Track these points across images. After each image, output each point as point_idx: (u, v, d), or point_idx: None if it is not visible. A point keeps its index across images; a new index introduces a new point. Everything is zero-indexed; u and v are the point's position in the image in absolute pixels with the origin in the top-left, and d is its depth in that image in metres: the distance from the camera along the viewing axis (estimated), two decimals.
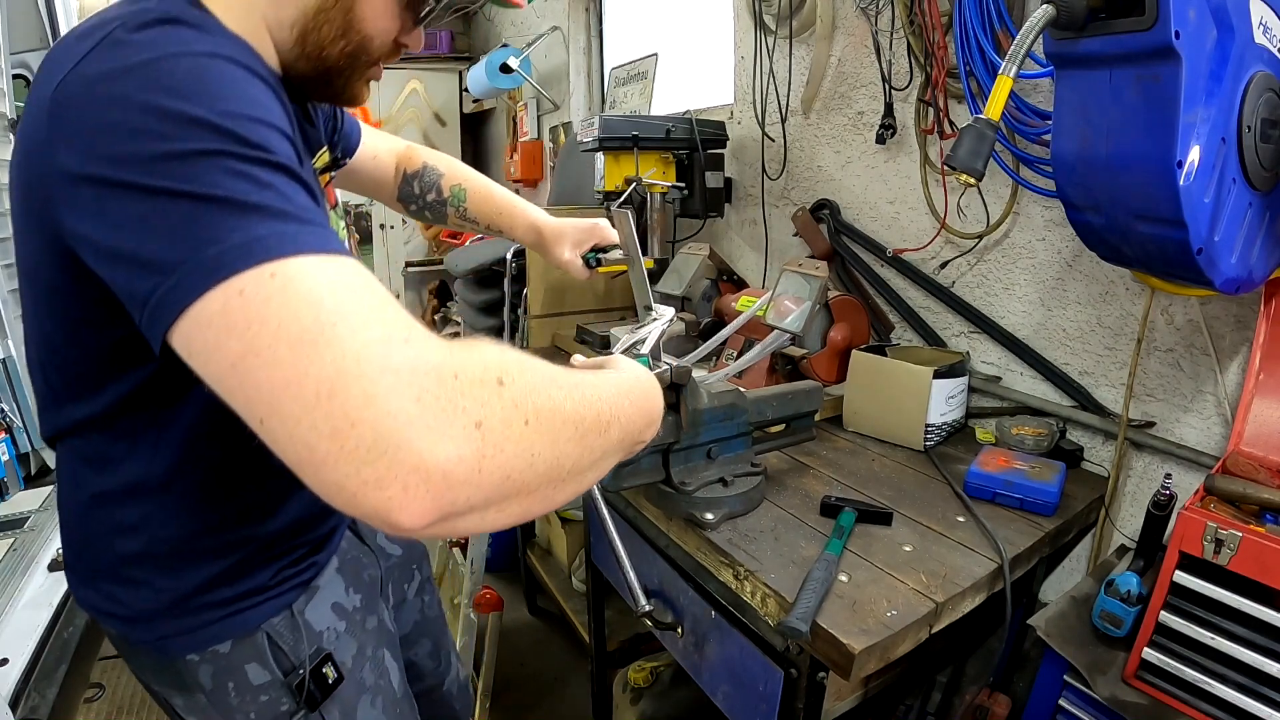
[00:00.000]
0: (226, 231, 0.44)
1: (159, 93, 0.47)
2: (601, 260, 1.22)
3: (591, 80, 3.19)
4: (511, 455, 0.44)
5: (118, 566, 0.71)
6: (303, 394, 0.40)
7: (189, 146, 0.46)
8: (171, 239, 0.45)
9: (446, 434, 0.41)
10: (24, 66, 2.47)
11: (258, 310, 0.42)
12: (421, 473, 0.40)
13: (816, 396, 1.19)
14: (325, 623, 0.81)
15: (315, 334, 0.41)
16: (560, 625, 2.37)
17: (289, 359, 0.40)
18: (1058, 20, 0.77)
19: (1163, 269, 0.92)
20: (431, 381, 0.41)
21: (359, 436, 0.39)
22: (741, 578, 0.96)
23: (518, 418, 0.45)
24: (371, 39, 0.69)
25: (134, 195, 0.46)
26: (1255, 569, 0.79)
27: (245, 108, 0.50)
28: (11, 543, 1.57)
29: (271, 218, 0.45)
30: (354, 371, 0.40)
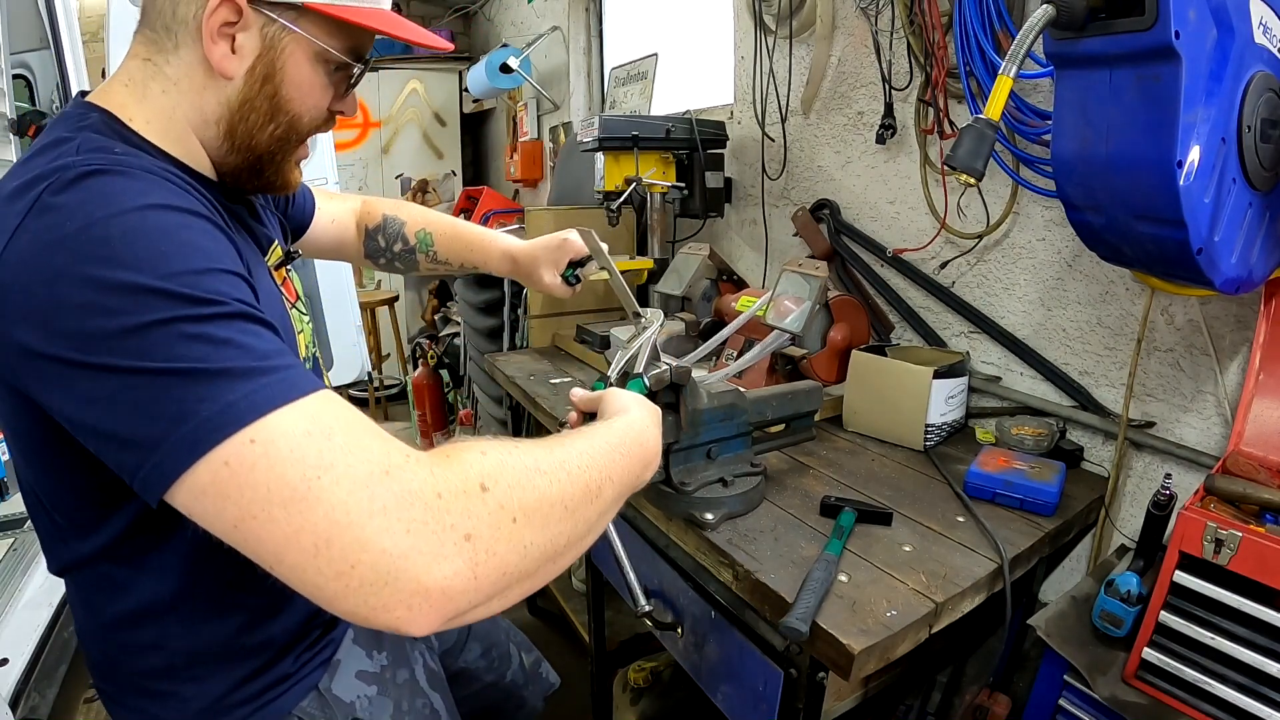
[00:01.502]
0: (196, 403, 0.46)
1: (98, 264, 0.47)
2: (580, 276, 1.22)
3: (591, 80, 3.19)
4: (504, 554, 0.48)
5: (143, 682, 0.72)
6: (302, 547, 0.44)
7: (140, 319, 0.47)
8: (145, 416, 0.46)
9: (440, 555, 0.45)
10: (24, 66, 2.47)
11: (246, 478, 0.45)
12: (422, 594, 0.44)
13: (816, 396, 1.19)
14: (354, 692, 0.82)
15: (304, 492, 0.44)
16: (560, 625, 2.37)
17: (283, 518, 0.44)
18: (1058, 20, 0.77)
19: (1163, 269, 0.92)
20: (418, 510, 0.45)
21: (360, 575, 0.44)
22: (741, 578, 0.96)
23: (505, 518, 0.48)
24: (300, 117, 0.68)
25: (98, 375, 0.47)
26: (1255, 569, 0.79)
27: (188, 261, 0.50)
28: (11, 543, 1.57)
29: (237, 378, 0.47)
30: (344, 521, 0.44)
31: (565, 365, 1.92)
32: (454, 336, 3.42)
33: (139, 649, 0.71)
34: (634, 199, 1.88)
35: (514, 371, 1.86)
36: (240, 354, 0.48)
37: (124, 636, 0.71)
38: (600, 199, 1.94)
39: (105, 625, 0.71)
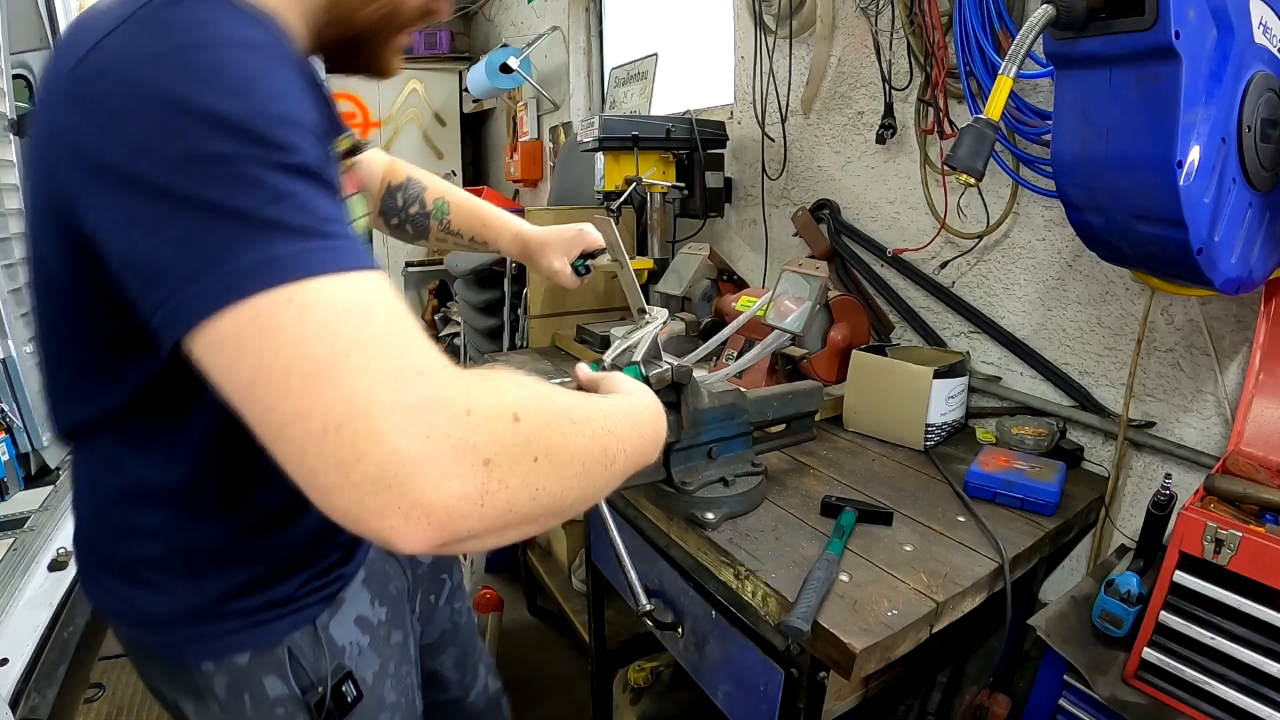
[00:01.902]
0: (240, 248, 0.43)
1: (183, 84, 0.45)
2: (590, 267, 1.22)
3: (591, 80, 3.19)
4: (516, 490, 0.45)
5: (134, 569, 0.69)
6: (311, 426, 0.41)
7: (209, 148, 0.44)
8: (184, 249, 0.43)
9: (453, 471, 0.42)
10: (24, 66, 2.47)
11: (271, 338, 0.41)
12: (424, 507, 0.41)
13: (816, 396, 1.19)
14: (348, 637, 0.78)
15: (328, 368, 0.41)
16: (560, 625, 2.37)
17: (300, 391, 0.41)
18: (1058, 20, 0.77)
19: (1163, 269, 0.93)
20: (443, 419, 0.42)
21: (364, 471, 0.40)
22: (742, 577, 0.96)
23: (527, 454, 0.46)
24: (400, 2, 0.67)
25: (149, 195, 0.44)
26: (1255, 569, 0.79)
27: (273, 105, 0.47)
28: (11, 543, 1.57)
29: (289, 234, 0.44)
30: (363, 410, 0.40)
31: (565, 365, 1.92)
32: (454, 336, 3.42)
33: (135, 534, 0.67)
34: (634, 199, 1.89)
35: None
36: (298, 211, 0.45)
37: (120, 517, 0.67)
38: (600, 199, 1.94)
39: (104, 501, 0.68)
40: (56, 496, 2.01)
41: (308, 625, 0.74)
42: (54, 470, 2.20)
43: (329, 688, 0.75)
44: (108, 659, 2.17)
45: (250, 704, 0.72)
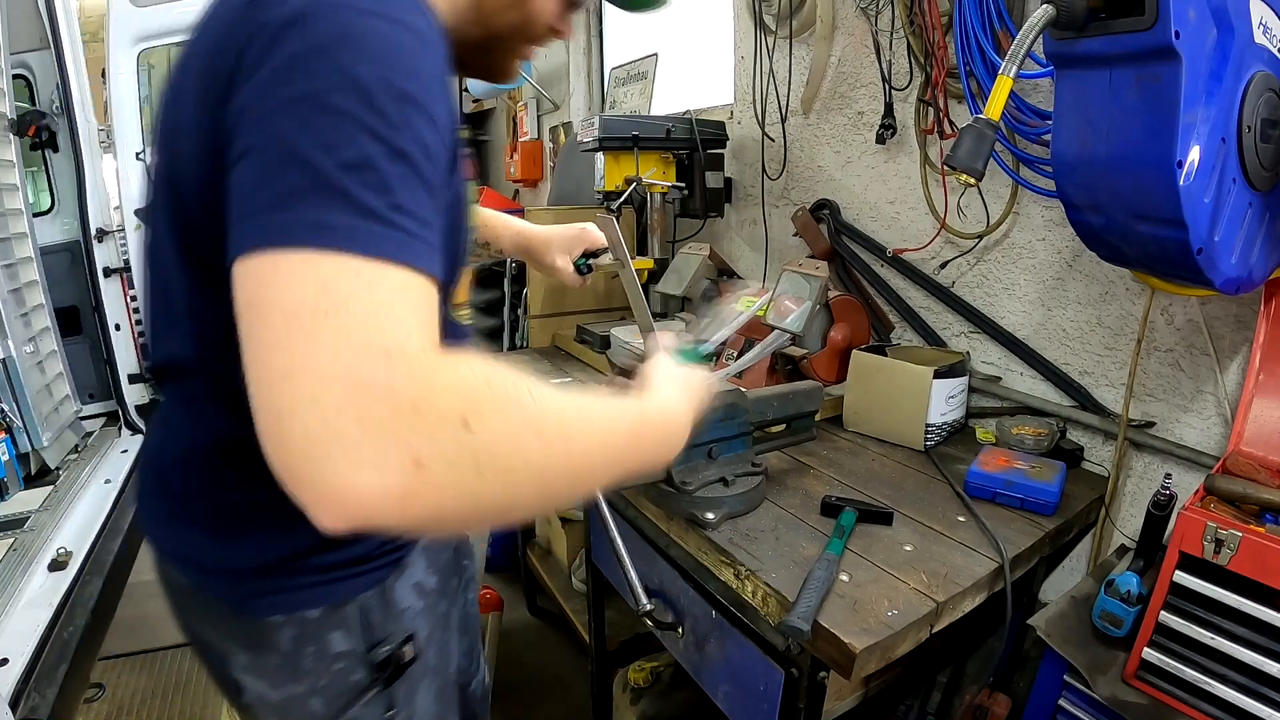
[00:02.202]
0: (303, 203, 0.44)
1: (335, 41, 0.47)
2: (593, 265, 1.22)
3: (591, 80, 3.19)
4: (449, 497, 0.44)
5: (219, 517, 0.69)
6: (273, 365, 0.42)
7: (329, 100, 0.46)
8: (262, 185, 0.46)
9: (374, 463, 0.40)
10: (24, 66, 2.47)
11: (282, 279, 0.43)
12: (335, 489, 0.41)
13: (816, 396, 1.19)
14: (407, 601, 0.80)
15: (306, 321, 0.42)
16: (560, 625, 2.37)
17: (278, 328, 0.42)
18: (1058, 20, 0.77)
19: (1163, 269, 0.93)
20: (385, 409, 0.41)
21: (290, 430, 0.41)
22: (742, 577, 0.96)
23: (470, 464, 0.44)
24: (536, 14, 0.72)
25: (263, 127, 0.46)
26: (1255, 569, 0.79)
27: (404, 82, 0.48)
28: (11, 543, 1.58)
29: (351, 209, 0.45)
30: (313, 370, 0.41)
31: (565, 365, 1.92)
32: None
33: (230, 480, 0.67)
34: (634, 199, 1.89)
35: None
36: (374, 189, 0.46)
37: (216, 463, 0.67)
38: (600, 199, 1.94)
39: (196, 448, 0.68)
40: (56, 496, 2.01)
41: (378, 585, 0.76)
42: (54, 470, 2.21)
43: (395, 646, 0.77)
44: (107, 659, 2.17)
45: (312, 658, 0.73)
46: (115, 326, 2.54)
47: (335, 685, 0.75)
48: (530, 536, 2.45)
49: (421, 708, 0.83)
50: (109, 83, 2.37)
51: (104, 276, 2.49)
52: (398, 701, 0.79)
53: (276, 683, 0.74)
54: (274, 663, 0.72)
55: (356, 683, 0.76)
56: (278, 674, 0.73)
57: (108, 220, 2.51)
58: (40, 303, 2.30)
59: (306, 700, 0.74)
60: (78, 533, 1.84)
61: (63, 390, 2.35)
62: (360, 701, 0.76)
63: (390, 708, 0.78)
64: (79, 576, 1.57)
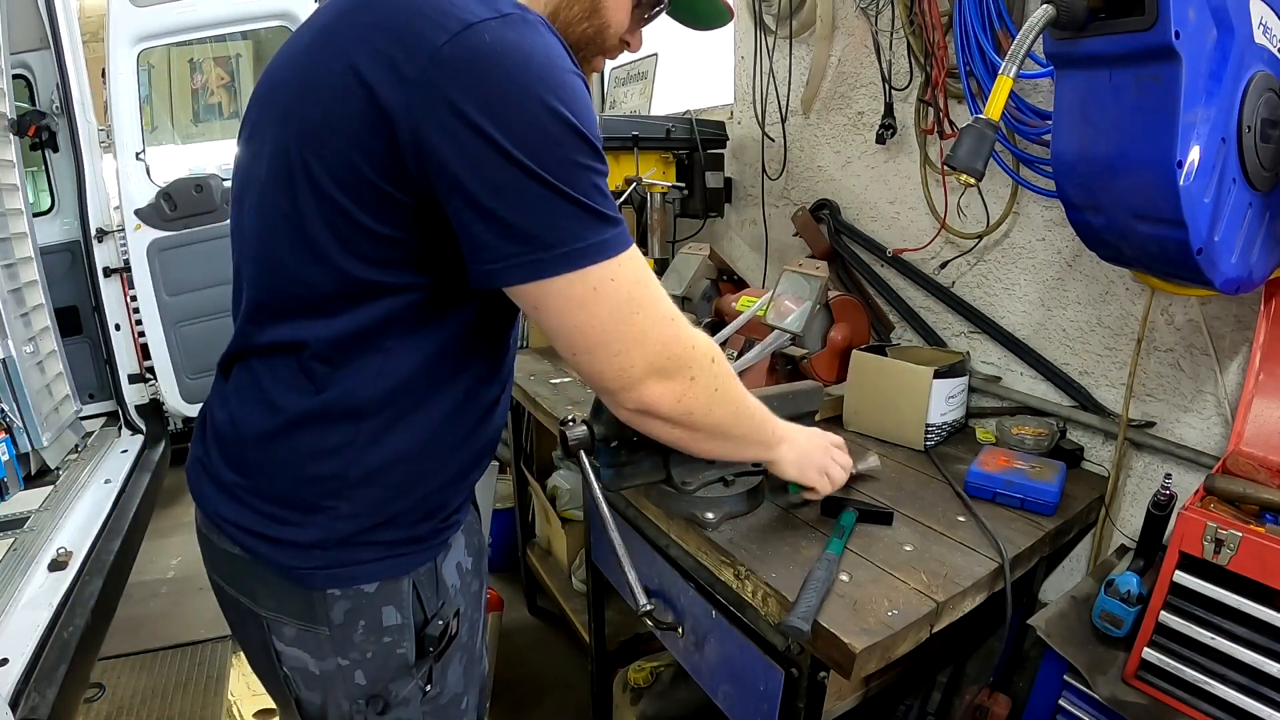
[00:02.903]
0: (588, 232, 0.63)
1: (556, 98, 0.60)
2: None
3: (591, 80, 3.19)
4: (702, 401, 0.74)
5: (301, 489, 0.73)
6: (610, 348, 0.68)
7: (573, 156, 0.62)
8: (545, 220, 0.62)
9: (674, 376, 0.71)
10: (24, 66, 2.47)
11: (599, 296, 0.65)
12: (652, 392, 0.71)
13: (817, 396, 1.18)
14: (452, 579, 0.85)
15: (628, 317, 0.67)
16: (560, 625, 2.37)
17: (611, 328, 0.67)
18: (1058, 20, 0.77)
19: (1163, 269, 0.93)
20: (678, 350, 0.71)
21: (632, 375, 0.69)
22: (742, 577, 0.96)
23: (712, 384, 0.75)
24: (608, 26, 0.79)
25: (520, 173, 0.60)
26: (1255, 569, 0.79)
27: (593, 124, 0.64)
28: (11, 543, 1.58)
29: (607, 224, 0.64)
30: (639, 340, 0.68)
31: (566, 365, 1.92)
32: None
33: (316, 453, 0.72)
34: (634, 199, 1.89)
35: (514, 371, 1.86)
36: (608, 205, 0.65)
37: (304, 436, 0.72)
38: None
39: (286, 421, 0.72)
40: (56, 496, 2.01)
41: (430, 563, 0.81)
42: (54, 470, 2.21)
43: (448, 621, 0.82)
44: (107, 659, 2.17)
45: (362, 630, 0.76)
46: (115, 326, 2.54)
47: (381, 658, 0.78)
48: (530, 537, 2.45)
49: (451, 682, 0.87)
50: (109, 83, 2.37)
51: (104, 276, 2.49)
52: (435, 675, 0.83)
53: (323, 654, 0.77)
54: (324, 634, 0.76)
55: (402, 656, 0.79)
56: (325, 646, 0.77)
57: (108, 220, 2.51)
58: (40, 303, 2.30)
59: (351, 673, 0.78)
60: (78, 533, 1.84)
61: (63, 390, 2.35)
62: (404, 675, 0.80)
63: (428, 681, 0.83)
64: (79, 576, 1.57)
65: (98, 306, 2.52)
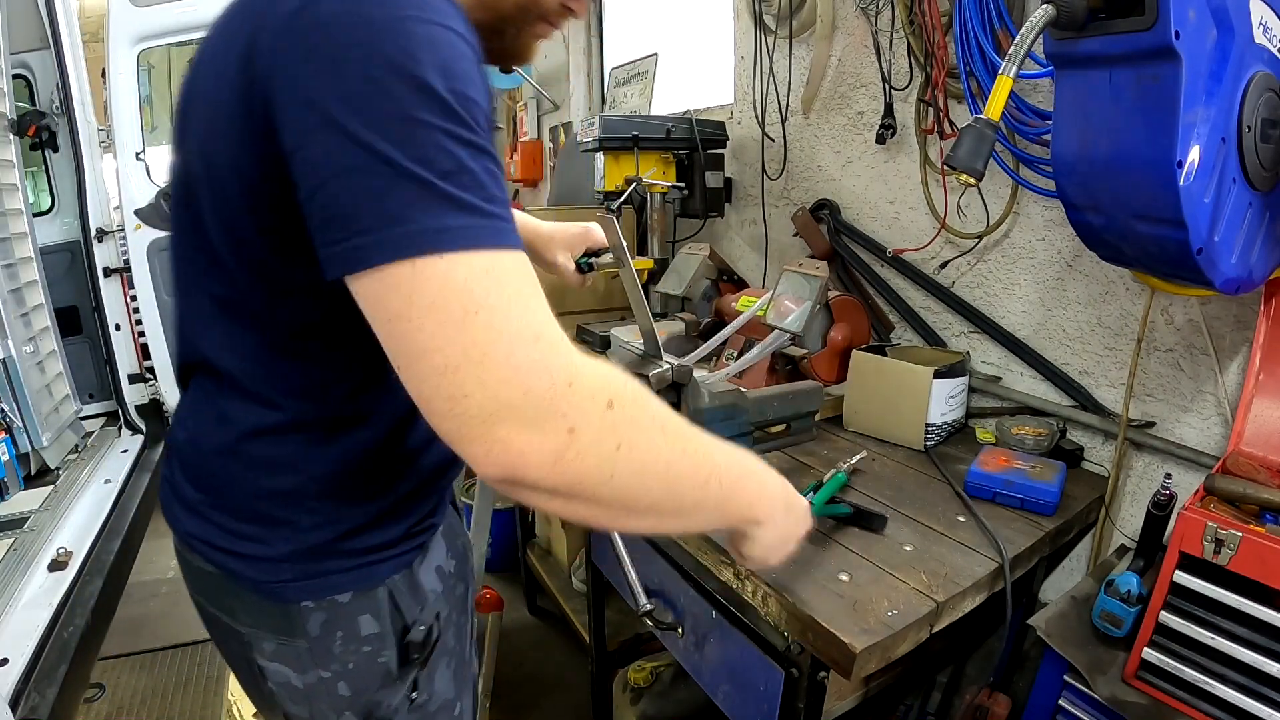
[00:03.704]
0: (419, 213, 0.49)
1: (399, 51, 0.50)
2: (594, 265, 1.22)
3: (591, 80, 3.19)
4: (591, 466, 0.52)
5: (259, 503, 0.71)
6: (434, 364, 0.49)
7: (416, 115, 0.49)
8: (371, 202, 0.50)
9: (537, 427, 0.49)
10: (24, 66, 2.47)
11: (422, 293, 0.49)
12: (504, 445, 0.49)
13: (817, 396, 1.19)
14: (431, 584, 0.82)
15: (459, 318, 0.49)
16: (560, 625, 2.37)
17: (434, 332, 0.49)
18: (1058, 20, 0.77)
19: (1163, 269, 0.93)
20: (544, 384, 0.49)
21: (466, 408, 0.49)
22: (742, 577, 0.96)
23: (611, 439, 0.52)
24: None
25: (352, 144, 0.49)
26: (1255, 569, 0.79)
27: (468, 87, 0.52)
28: (11, 543, 1.58)
29: (461, 208, 0.50)
30: (475, 359, 0.49)
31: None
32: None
33: (271, 465, 0.70)
34: (634, 199, 1.88)
35: None
36: (473, 188, 0.51)
37: (257, 449, 0.69)
38: (600, 199, 1.94)
39: (239, 435, 0.69)
40: (56, 496, 2.01)
41: (406, 569, 0.78)
42: (54, 470, 2.21)
43: (428, 625, 0.79)
44: (107, 659, 2.17)
45: (341, 641, 0.74)
46: (115, 326, 2.54)
47: (362, 668, 0.76)
48: (530, 537, 2.45)
49: (439, 688, 0.85)
50: (109, 83, 2.37)
51: (104, 276, 2.49)
52: (420, 683, 0.81)
53: (303, 668, 0.75)
54: (302, 647, 0.74)
55: (384, 666, 0.77)
56: (305, 659, 0.75)
57: (108, 220, 2.51)
58: (40, 303, 2.30)
59: (334, 684, 0.76)
60: (78, 533, 1.84)
61: (63, 390, 2.35)
62: (389, 685, 0.78)
63: (414, 689, 0.80)
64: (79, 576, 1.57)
65: (98, 306, 2.52)
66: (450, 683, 0.87)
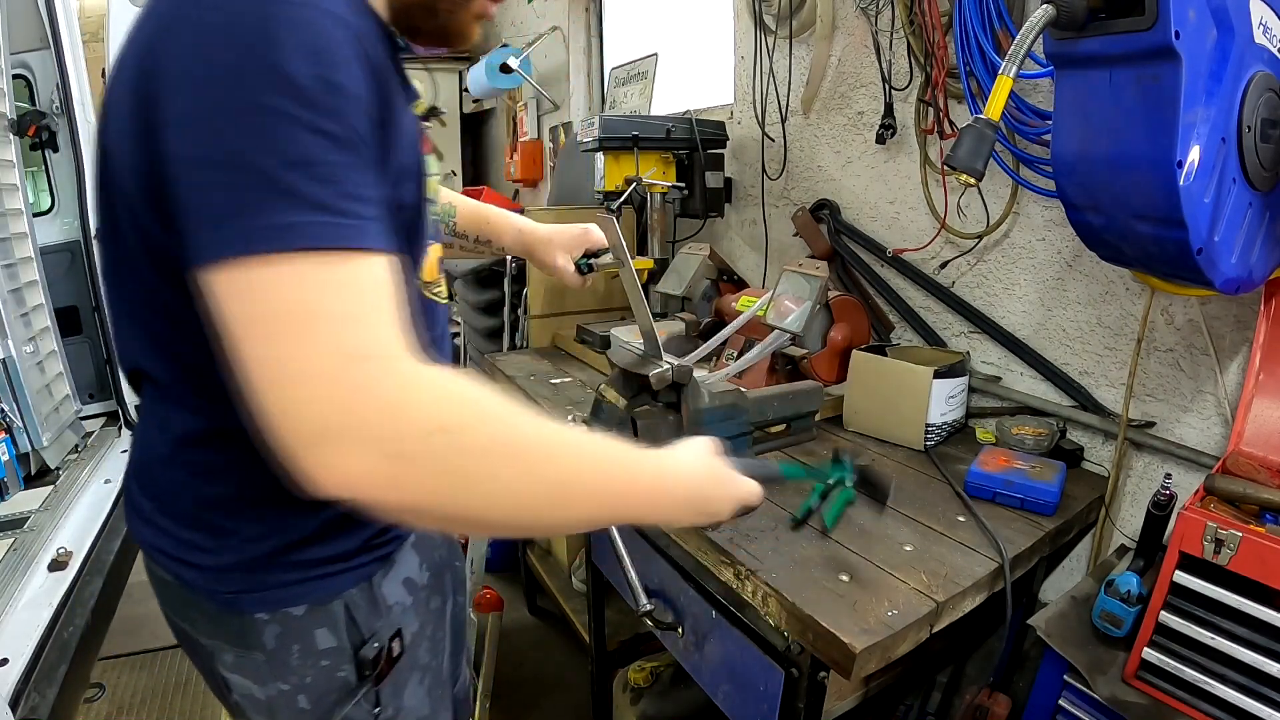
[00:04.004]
0: (258, 209, 0.47)
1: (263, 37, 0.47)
2: (594, 266, 1.22)
3: (591, 80, 3.19)
4: (426, 491, 0.49)
5: (202, 512, 0.69)
6: (262, 376, 0.47)
7: (266, 102, 0.47)
8: (214, 194, 0.47)
9: (359, 452, 0.47)
10: (24, 66, 2.47)
11: (252, 297, 0.47)
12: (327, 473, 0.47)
13: (817, 396, 1.18)
14: (396, 597, 0.80)
15: (286, 330, 0.47)
16: (560, 625, 2.37)
17: (261, 345, 0.47)
18: (1058, 20, 0.77)
19: (1163, 269, 0.93)
20: (370, 409, 0.47)
21: (287, 426, 0.47)
22: (742, 577, 0.96)
23: (442, 466, 0.49)
24: None
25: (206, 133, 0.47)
26: (1255, 569, 0.79)
27: (336, 72, 0.50)
28: (11, 543, 1.58)
29: (304, 206, 0.47)
30: (300, 376, 0.46)
31: (565, 365, 1.92)
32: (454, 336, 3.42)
33: (210, 472, 0.67)
34: (634, 199, 1.88)
35: (514, 372, 1.86)
36: (322, 182, 0.48)
37: (197, 456, 0.67)
38: (600, 199, 1.94)
39: (176, 440, 0.67)
40: (56, 496, 2.01)
41: (365, 582, 0.76)
42: (54, 470, 2.20)
43: (384, 642, 0.77)
44: (107, 659, 2.17)
45: (297, 655, 0.73)
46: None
47: (321, 683, 0.75)
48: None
49: (410, 704, 0.83)
50: None
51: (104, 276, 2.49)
52: (385, 698, 0.79)
53: (263, 680, 0.74)
54: (260, 660, 0.72)
55: (343, 680, 0.75)
56: (264, 671, 0.73)
57: None
58: (40, 303, 2.30)
59: (293, 697, 0.74)
60: (78, 533, 1.84)
61: (63, 390, 2.35)
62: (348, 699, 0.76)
63: (377, 704, 0.78)
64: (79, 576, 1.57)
65: (98, 306, 2.52)
66: (424, 699, 0.84)
